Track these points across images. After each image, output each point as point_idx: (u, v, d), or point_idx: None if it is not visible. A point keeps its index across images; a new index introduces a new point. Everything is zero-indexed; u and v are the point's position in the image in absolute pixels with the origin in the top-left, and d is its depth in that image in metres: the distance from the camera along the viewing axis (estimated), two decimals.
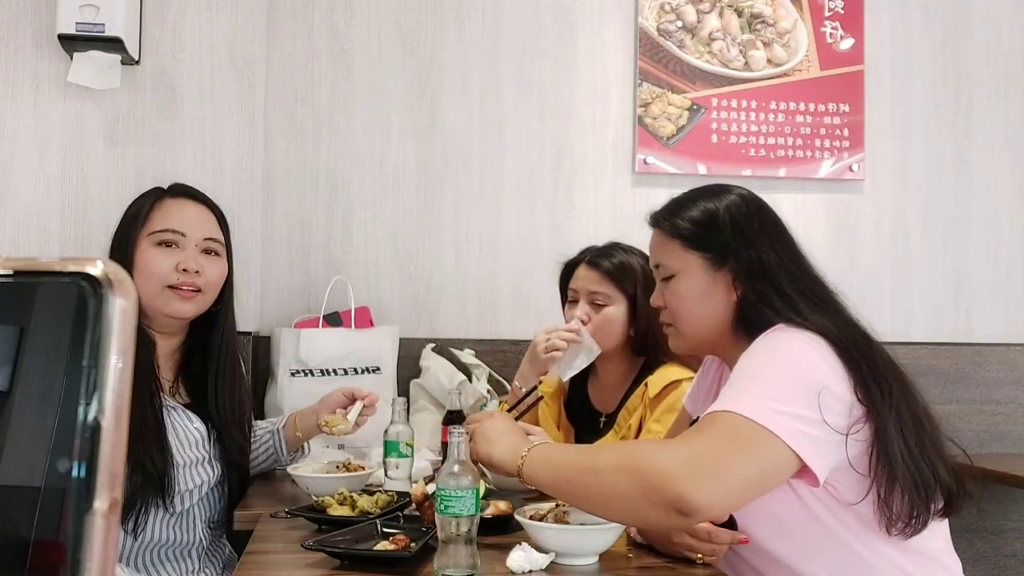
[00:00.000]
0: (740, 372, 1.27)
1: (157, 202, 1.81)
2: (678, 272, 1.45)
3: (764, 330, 1.35)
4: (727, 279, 1.42)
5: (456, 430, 1.36)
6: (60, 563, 0.34)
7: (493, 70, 2.86)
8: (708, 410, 1.23)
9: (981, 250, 3.09)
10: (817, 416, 1.19)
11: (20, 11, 2.36)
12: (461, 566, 1.29)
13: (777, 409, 1.18)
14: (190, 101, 2.42)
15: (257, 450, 2.02)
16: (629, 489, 1.17)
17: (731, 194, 1.48)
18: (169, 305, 1.77)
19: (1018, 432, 3.03)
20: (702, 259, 1.43)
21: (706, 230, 1.44)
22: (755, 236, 1.42)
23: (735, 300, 1.41)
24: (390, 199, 2.79)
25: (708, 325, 1.43)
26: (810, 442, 1.18)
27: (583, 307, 2.02)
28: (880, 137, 3.04)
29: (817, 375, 1.23)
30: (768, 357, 1.27)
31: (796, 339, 1.29)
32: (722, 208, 1.45)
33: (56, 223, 2.34)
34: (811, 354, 1.26)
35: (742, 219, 1.44)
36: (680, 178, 2.91)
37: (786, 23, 2.99)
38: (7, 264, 0.37)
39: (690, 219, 1.46)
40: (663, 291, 1.48)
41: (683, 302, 1.44)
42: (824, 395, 1.21)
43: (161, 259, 1.76)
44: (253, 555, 1.48)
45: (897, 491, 1.24)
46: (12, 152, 2.34)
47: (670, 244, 1.47)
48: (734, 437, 1.16)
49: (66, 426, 0.35)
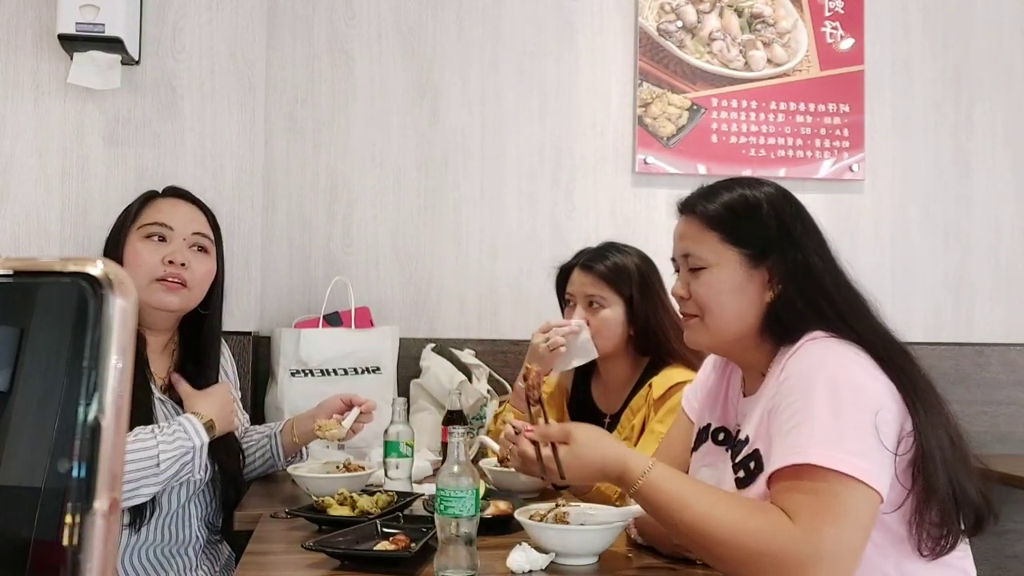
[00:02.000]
0: (808, 408, 1.19)
1: (149, 201, 1.83)
2: (712, 265, 1.36)
3: (794, 334, 1.30)
4: (763, 277, 1.34)
5: (456, 430, 1.36)
6: (60, 563, 0.34)
7: (493, 70, 2.85)
8: (792, 458, 1.16)
9: (981, 250, 3.09)
10: (877, 442, 1.17)
11: (20, 11, 2.35)
12: (461, 567, 1.29)
13: (856, 450, 1.15)
14: (190, 101, 2.42)
15: (254, 454, 2.02)
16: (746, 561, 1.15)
17: (769, 186, 1.42)
18: (154, 296, 1.78)
19: (1019, 433, 3.02)
20: (740, 255, 1.35)
21: (747, 223, 1.36)
22: (800, 235, 1.36)
23: (769, 300, 1.34)
24: (390, 199, 2.79)
25: (737, 323, 1.35)
26: (881, 471, 1.16)
27: (580, 311, 2.02)
28: (880, 137, 3.04)
29: (875, 396, 1.20)
30: (831, 390, 1.20)
31: (846, 357, 1.24)
32: (764, 201, 1.38)
33: (56, 223, 2.34)
34: (863, 376, 1.22)
35: (786, 216, 1.38)
36: (680, 178, 2.91)
37: (786, 23, 2.99)
38: (7, 264, 0.37)
39: (730, 209, 1.37)
40: (688, 281, 1.39)
41: (715, 295, 1.35)
42: (880, 416, 1.18)
43: (148, 251, 1.78)
44: (253, 555, 1.48)
45: (933, 507, 1.21)
46: (12, 152, 2.34)
47: (706, 235, 1.37)
48: (843, 510, 1.13)
49: (66, 426, 0.35)
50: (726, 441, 1.42)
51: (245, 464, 1.98)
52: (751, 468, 1.29)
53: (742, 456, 1.32)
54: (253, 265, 2.48)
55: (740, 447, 1.34)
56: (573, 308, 2.05)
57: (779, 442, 1.20)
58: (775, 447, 1.21)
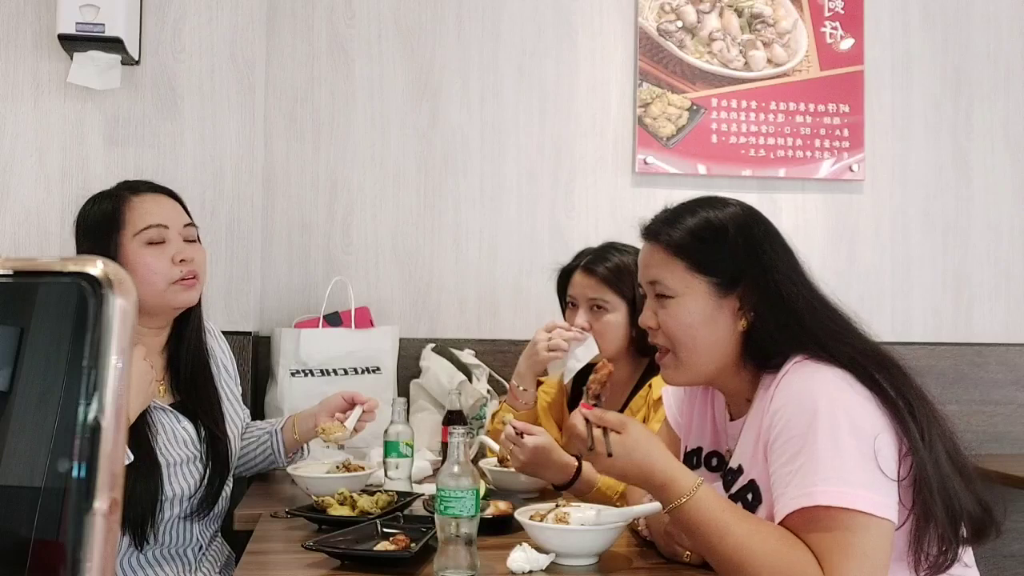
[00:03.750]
0: (808, 444, 1.16)
1: (126, 202, 1.80)
2: (679, 295, 1.32)
3: (774, 360, 1.27)
4: (734, 306, 1.30)
5: (456, 430, 1.36)
6: (60, 563, 0.34)
7: (493, 70, 2.86)
8: (802, 501, 1.15)
9: (981, 250, 3.09)
10: (876, 467, 1.15)
11: (20, 11, 2.35)
12: (461, 567, 1.29)
13: (863, 482, 1.14)
14: (190, 101, 2.42)
15: (255, 451, 2.02)
16: None
17: (733, 207, 1.36)
18: (178, 298, 1.79)
19: (1017, 433, 3.03)
20: (709, 284, 1.31)
21: (714, 250, 1.31)
22: (769, 258, 1.31)
23: (742, 329, 1.30)
24: (390, 199, 2.79)
25: (711, 356, 1.32)
26: (888, 498, 1.15)
27: (583, 315, 2.02)
28: (880, 137, 3.04)
29: (871, 421, 1.18)
30: (829, 422, 1.17)
31: (834, 384, 1.20)
32: (730, 224, 1.32)
33: (56, 223, 2.34)
34: (856, 401, 1.19)
35: (754, 238, 1.32)
36: (680, 178, 2.91)
37: (786, 23, 2.99)
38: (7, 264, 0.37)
39: (695, 235, 1.32)
40: (655, 310, 1.35)
41: (685, 328, 1.31)
42: (879, 440, 1.17)
43: (157, 257, 1.78)
44: (253, 555, 1.48)
45: (931, 528, 1.19)
46: (12, 152, 2.34)
47: (671, 264, 1.33)
48: (862, 550, 1.12)
49: (66, 426, 0.35)
50: (719, 467, 1.41)
51: (238, 457, 1.96)
52: (748, 500, 1.28)
53: (738, 487, 1.30)
54: (253, 265, 2.48)
55: (734, 477, 1.32)
56: (575, 310, 2.05)
57: (784, 483, 1.18)
58: (781, 490, 1.18)
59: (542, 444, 1.74)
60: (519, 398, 2.10)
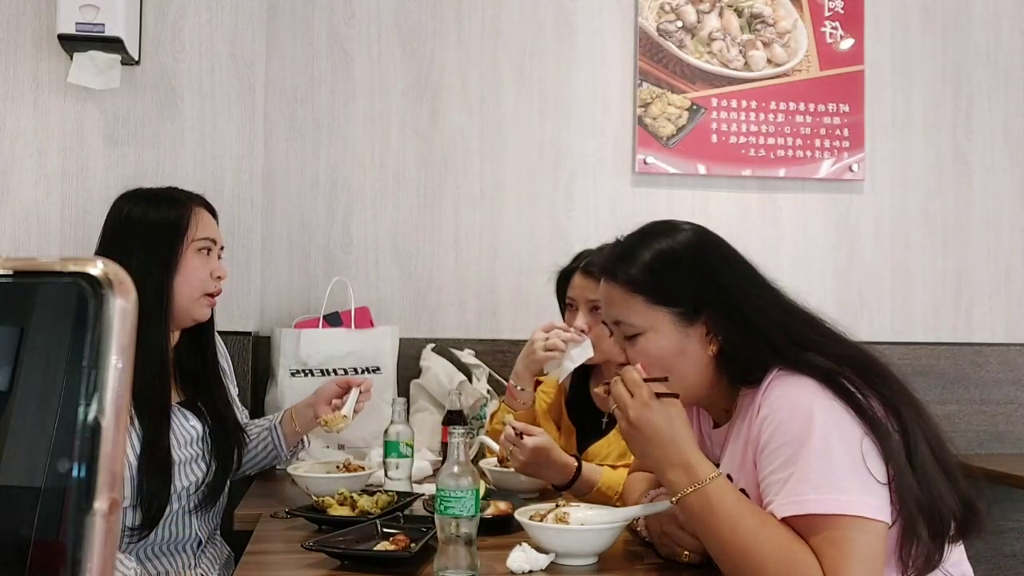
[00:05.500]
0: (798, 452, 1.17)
1: (193, 213, 1.84)
2: (646, 330, 1.30)
3: (751, 374, 1.27)
4: (700, 332, 1.30)
5: (456, 430, 1.36)
6: (60, 563, 0.34)
7: (493, 70, 2.86)
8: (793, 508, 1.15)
9: (981, 250, 3.09)
10: (866, 470, 1.15)
11: (20, 11, 2.35)
12: (461, 567, 1.29)
13: (853, 487, 1.14)
14: (190, 101, 2.42)
15: (255, 448, 2.02)
16: None
17: (683, 231, 1.35)
18: (201, 311, 1.84)
19: (1018, 432, 3.03)
20: (672, 314, 1.30)
21: (671, 280, 1.31)
22: (727, 278, 1.31)
23: (713, 353, 1.30)
24: (390, 199, 2.79)
25: (686, 382, 1.31)
26: (881, 499, 1.15)
27: (583, 316, 2.02)
28: (880, 137, 3.04)
29: (855, 427, 1.18)
30: (818, 430, 1.17)
31: (816, 392, 1.20)
32: (682, 251, 1.32)
33: (56, 223, 2.34)
34: (838, 406, 1.19)
35: (709, 261, 1.32)
36: (680, 178, 2.91)
37: (786, 23, 2.99)
38: (7, 264, 0.37)
39: (649, 269, 1.31)
40: (626, 349, 1.34)
41: (656, 363, 1.30)
42: (865, 443, 1.16)
43: (202, 265, 1.83)
44: (253, 555, 1.48)
45: (915, 534, 1.19)
46: (12, 152, 2.34)
47: (631, 301, 1.32)
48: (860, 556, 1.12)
49: (66, 426, 0.35)
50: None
51: (244, 457, 1.97)
52: None
53: None
54: (253, 265, 2.48)
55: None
56: (575, 312, 2.05)
57: (774, 491, 1.18)
58: (771, 496, 1.19)
59: (542, 444, 1.74)
60: (517, 398, 2.10)
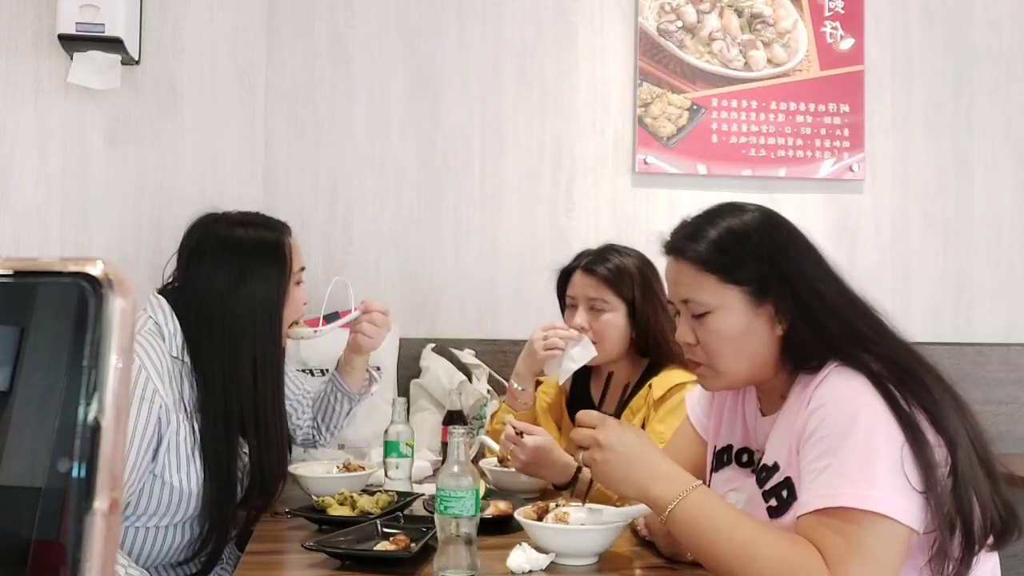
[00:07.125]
0: (840, 446, 1.16)
1: (289, 239, 1.87)
2: (715, 309, 1.29)
3: (812, 361, 1.26)
4: (770, 311, 1.28)
5: (456, 430, 1.36)
6: (60, 563, 0.34)
7: (493, 70, 2.85)
8: (826, 501, 1.14)
9: (981, 250, 3.09)
10: (903, 474, 1.14)
11: (20, 11, 2.35)
12: (461, 567, 1.29)
13: (889, 487, 1.13)
14: (190, 101, 2.42)
15: (323, 410, 2.07)
16: None
17: (751, 212, 1.35)
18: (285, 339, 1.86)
19: (1019, 432, 3.02)
20: (742, 293, 1.28)
21: (741, 258, 1.29)
22: (796, 259, 1.29)
23: (780, 334, 1.29)
24: (390, 199, 2.79)
25: (750, 363, 1.30)
26: (912, 504, 1.14)
27: (582, 314, 2.02)
28: (880, 137, 3.04)
29: (900, 432, 1.17)
30: (864, 427, 1.16)
31: (870, 391, 1.19)
32: (752, 230, 1.31)
33: (56, 223, 2.34)
34: (887, 410, 1.18)
35: (774, 242, 1.31)
36: (680, 178, 2.91)
37: (786, 23, 2.99)
38: (7, 264, 0.37)
39: (719, 246, 1.30)
40: (693, 328, 1.32)
41: (725, 341, 1.29)
42: (906, 450, 1.16)
43: (301, 296, 1.88)
44: (253, 555, 1.48)
45: (957, 534, 1.18)
46: (12, 152, 2.34)
47: (701, 279, 1.30)
48: (872, 553, 1.12)
49: (66, 426, 0.35)
50: (750, 464, 1.40)
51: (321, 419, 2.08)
52: (784, 497, 1.26)
53: (773, 484, 1.29)
54: None
55: (769, 474, 1.30)
56: (575, 311, 2.05)
57: (810, 480, 1.18)
58: (806, 486, 1.18)
59: (542, 444, 1.74)
60: (517, 398, 2.10)
